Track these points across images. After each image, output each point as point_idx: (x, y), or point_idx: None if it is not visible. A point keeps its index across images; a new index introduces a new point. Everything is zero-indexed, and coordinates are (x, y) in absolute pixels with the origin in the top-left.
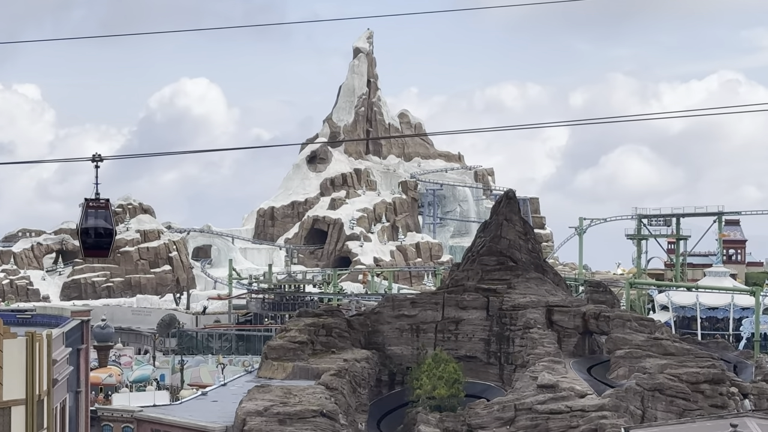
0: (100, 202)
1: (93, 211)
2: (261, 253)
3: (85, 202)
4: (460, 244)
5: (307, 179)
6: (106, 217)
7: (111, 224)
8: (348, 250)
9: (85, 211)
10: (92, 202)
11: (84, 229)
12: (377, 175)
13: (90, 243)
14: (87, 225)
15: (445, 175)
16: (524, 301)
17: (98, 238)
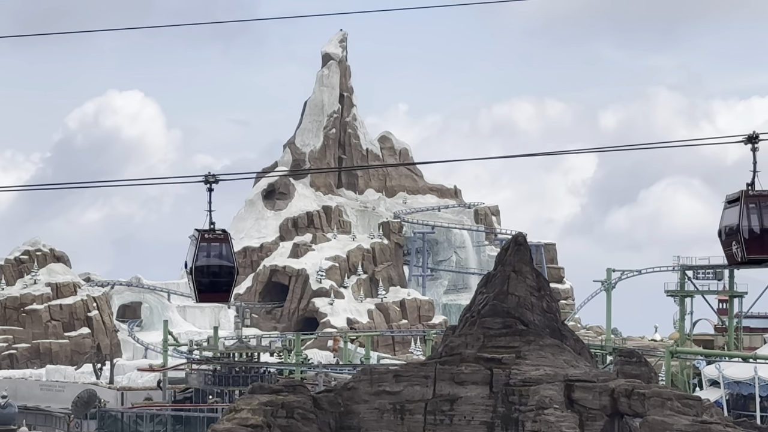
0: (217, 234)
1: (207, 244)
2: (204, 312)
3: (198, 235)
4: (457, 302)
5: (263, 219)
6: (225, 253)
7: (232, 261)
8: (315, 310)
9: (197, 246)
10: (207, 234)
11: (198, 267)
12: (352, 214)
13: (206, 284)
14: (201, 263)
15: (437, 215)
16: (537, 375)
17: (216, 278)
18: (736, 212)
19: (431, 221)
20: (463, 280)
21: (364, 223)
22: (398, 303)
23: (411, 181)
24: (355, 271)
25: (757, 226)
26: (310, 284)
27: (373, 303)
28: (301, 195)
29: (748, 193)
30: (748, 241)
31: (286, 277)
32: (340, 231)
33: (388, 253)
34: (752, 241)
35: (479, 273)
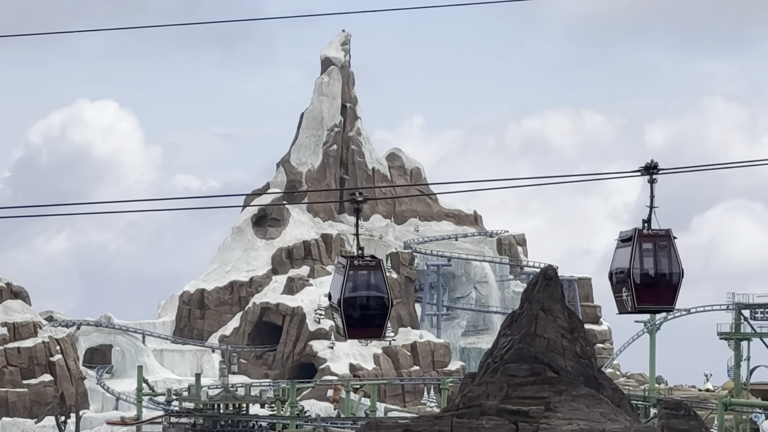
0: (367, 261)
1: (356, 273)
2: (185, 357)
3: (347, 262)
4: (476, 346)
5: (253, 249)
6: (376, 282)
7: (385, 291)
8: (312, 354)
9: (346, 274)
10: (357, 260)
11: (348, 299)
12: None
13: (357, 318)
14: (351, 294)
15: (455, 245)
16: (569, 430)
17: (368, 311)
18: (628, 253)
19: (447, 252)
20: (484, 320)
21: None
22: (409, 346)
23: (424, 206)
24: None
25: (652, 270)
26: (307, 325)
27: (380, 346)
28: (296, 221)
29: (642, 233)
30: (640, 287)
31: (279, 317)
32: None
33: (397, 288)
34: (644, 288)
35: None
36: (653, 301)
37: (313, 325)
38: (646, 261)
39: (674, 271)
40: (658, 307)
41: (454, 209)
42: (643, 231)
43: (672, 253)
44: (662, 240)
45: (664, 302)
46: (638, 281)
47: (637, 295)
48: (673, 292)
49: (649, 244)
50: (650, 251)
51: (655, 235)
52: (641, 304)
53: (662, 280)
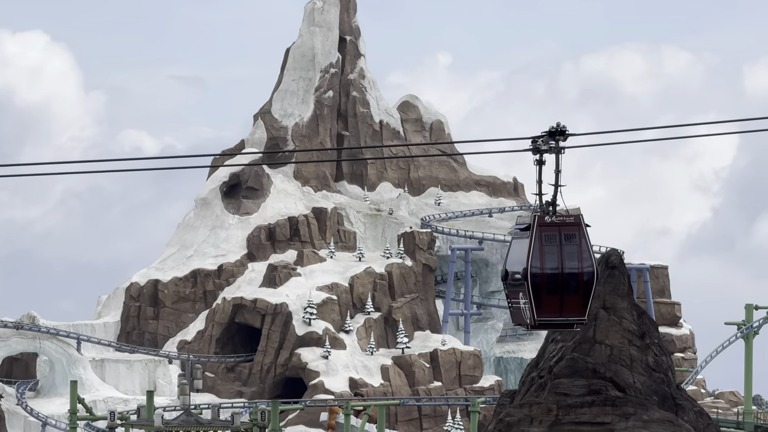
0: (565, 219)
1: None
2: (133, 369)
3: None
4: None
5: (223, 228)
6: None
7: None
8: (301, 366)
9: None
10: (550, 217)
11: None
12: (358, 220)
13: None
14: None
15: (488, 223)
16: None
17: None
18: (525, 247)
19: (478, 232)
20: None
21: (376, 234)
22: (427, 356)
23: (448, 171)
24: (362, 307)
25: (555, 269)
26: (293, 327)
27: (390, 356)
28: (280, 191)
29: (543, 219)
30: (540, 292)
31: (257, 317)
32: (340, 246)
33: (412, 279)
34: (546, 294)
35: None
36: (557, 311)
37: (302, 327)
38: (549, 257)
39: (586, 269)
40: (564, 320)
41: (487, 176)
42: (544, 217)
43: (583, 245)
44: (570, 229)
45: (571, 312)
46: (537, 284)
47: (537, 302)
48: (584, 298)
49: (553, 234)
50: (554, 244)
51: (561, 222)
52: (543, 316)
53: (570, 281)
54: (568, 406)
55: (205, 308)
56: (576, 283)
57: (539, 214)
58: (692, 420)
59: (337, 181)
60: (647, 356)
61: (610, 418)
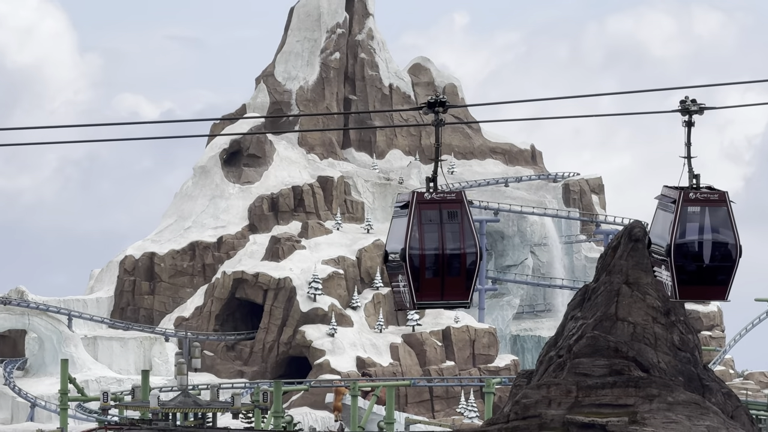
0: (709, 194)
1: (695, 208)
2: (127, 347)
3: (680, 194)
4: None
5: (224, 198)
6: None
7: (734, 236)
8: (305, 344)
9: (681, 207)
10: (694, 192)
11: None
12: (366, 190)
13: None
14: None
15: (504, 192)
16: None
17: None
18: (403, 226)
19: (494, 202)
20: (545, 298)
21: (385, 204)
22: (439, 334)
23: (462, 138)
24: (370, 282)
25: (435, 249)
26: (297, 303)
27: (400, 334)
28: (283, 159)
29: (422, 196)
30: (419, 274)
31: (258, 292)
32: (348, 218)
33: None
34: (426, 275)
35: (571, 287)
36: (438, 294)
37: (307, 303)
38: (429, 236)
39: (468, 250)
40: (446, 302)
41: (503, 143)
42: (424, 194)
43: (466, 223)
44: (452, 206)
45: (454, 295)
46: (416, 265)
47: (416, 285)
48: (467, 280)
49: (434, 211)
50: (435, 222)
51: (441, 199)
52: (422, 299)
53: (452, 263)
54: (588, 388)
55: (204, 283)
56: (458, 265)
57: (419, 190)
58: (720, 402)
59: (344, 149)
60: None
61: (632, 400)
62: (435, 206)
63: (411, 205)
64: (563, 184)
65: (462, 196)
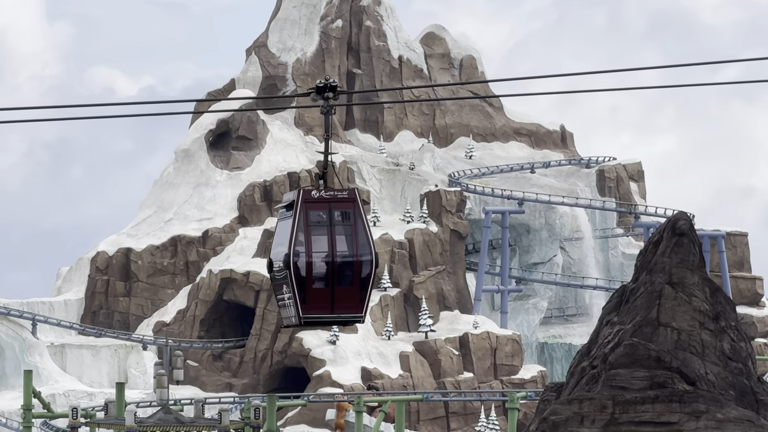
0: (335, 195)
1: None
2: (100, 356)
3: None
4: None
5: (209, 186)
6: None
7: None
8: (303, 353)
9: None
10: (318, 192)
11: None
12: (372, 177)
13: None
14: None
15: (529, 180)
16: None
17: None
18: (289, 229)
19: (519, 191)
20: (576, 300)
21: (393, 193)
22: (456, 341)
23: (482, 118)
24: (377, 282)
25: (324, 256)
26: None
27: (411, 341)
28: (278, 141)
29: (310, 195)
30: (306, 284)
31: (250, 293)
32: None
33: (438, 249)
34: (314, 286)
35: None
36: (327, 307)
37: None
38: (316, 241)
39: (362, 257)
40: (338, 317)
41: (529, 123)
42: (312, 191)
43: (360, 226)
44: (343, 205)
45: (346, 308)
46: (302, 274)
47: (302, 297)
48: (361, 289)
49: (322, 213)
50: (323, 225)
51: (331, 198)
52: (309, 312)
53: (344, 271)
54: (626, 403)
55: (187, 283)
56: (350, 273)
57: (306, 188)
58: None
59: (347, 129)
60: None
61: (677, 416)
62: (324, 206)
63: (296, 204)
64: (597, 170)
65: (355, 195)
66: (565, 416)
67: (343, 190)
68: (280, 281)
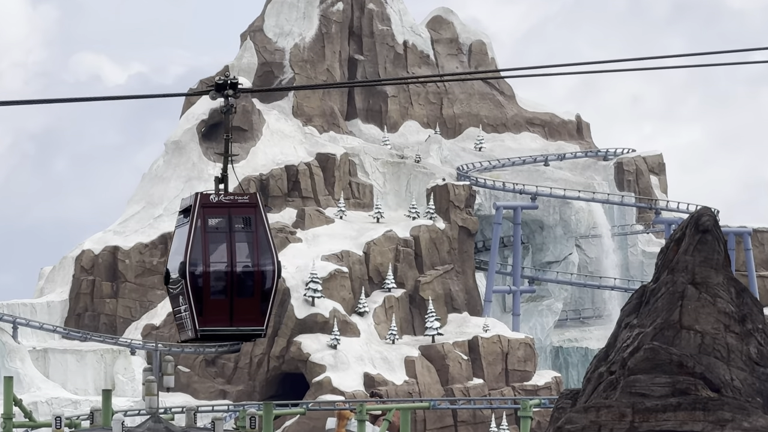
0: (235, 200)
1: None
2: (85, 362)
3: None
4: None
5: (201, 180)
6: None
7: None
8: (302, 358)
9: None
10: (217, 197)
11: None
12: (375, 170)
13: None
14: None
15: (543, 173)
16: None
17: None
18: (185, 237)
19: (532, 185)
20: (593, 301)
21: (398, 188)
22: (465, 345)
23: (493, 108)
24: (381, 282)
25: (223, 265)
26: (292, 308)
27: (417, 345)
28: (275, 133)
29: (208, 200)
30: (203, 295)
31: None
32: (353, 204)
33: (445, 247)
34: (211, 298)
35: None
36: (225, 319)
37: (304, 308)
38: (215, 249)
39: (264, 266)
40: (237, 330)
41: (543, 113)
42: (210, 195)
43: (261, 233)
44: (245, 210)
45: (246, 320)
46: (199, 284)
47: (199, 308)
48: (261, 302)
49: (222, 218)
50: (222, 232)
51: (231, 203)
52: (207, 325)
53: (244, 281)
54: (646, 411)
55: None
56: (251, 284)
57: (204, 192)
58: None
59: (348, 120)
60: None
61: (700, 425)
62: (223, 211)
63: (193, 209)
64: (616, 162)
65: (257, 199)
66: (581, 425)
67: (243, 195)
68: (176, 293)
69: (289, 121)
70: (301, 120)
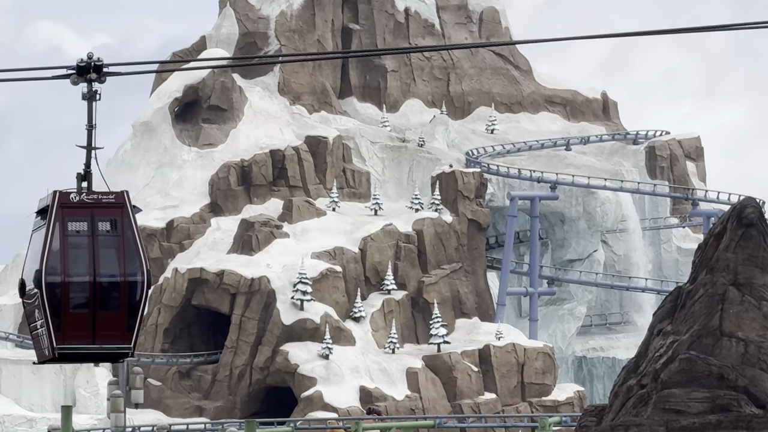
0: (100, 200)
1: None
2: (42, 373)
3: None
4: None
5: (175, 167)
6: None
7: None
8: (289, 369)
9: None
10: (78, 195)
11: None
12: (373, 155)
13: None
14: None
15: (563, 158)
16: None
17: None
18: (42, 239)
19: (551, 172)
20: (622, 305)
21: (399, 175)
22: (475, 355)
23: (506, 84)
24: (379, 283)
25: (84, 275)
26: (278, 313)
27: (420, 355)
28: (258, 112)
29: (69, 199)
30: (61, 310)
31: (224, 297)
32: (348, 194)
33: (453, 242)
34: (70, 313)
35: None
36: (87, 336)
37: (291, 313)
38: (74, 255)
39: (131, 278)
40: (99, 348)
41: (564, 90)
42: (71, 194)
43: (129, 238)
44: (110, 211)
45: (110, 337)
46: (57, 296)
47: (56, 323)
48: (129, 317)
49: (84, 220)
50: (84, 236)
51: (95, 203)
52: (65, 342)
53: (108, 293)
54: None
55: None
56: (116, 295)
57: (63, 190)
58: None
59: (342, 98)
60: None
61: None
62: (86, 212)
63: (51, 210)
64: (647, 147)
65: (124, 199)
66: None
67: (109, 194)
68: (32, 306)
69: (275, 100)
70: (287, 98)
